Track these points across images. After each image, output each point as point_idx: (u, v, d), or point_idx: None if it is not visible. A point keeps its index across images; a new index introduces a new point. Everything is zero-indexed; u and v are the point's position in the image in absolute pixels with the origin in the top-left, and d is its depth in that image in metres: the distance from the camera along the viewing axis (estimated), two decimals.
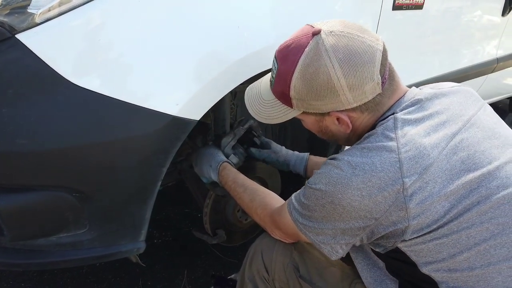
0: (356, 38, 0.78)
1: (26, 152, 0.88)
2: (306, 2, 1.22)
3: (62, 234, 1.02)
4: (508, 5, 2.05)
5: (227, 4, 1.05)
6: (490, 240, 0.76)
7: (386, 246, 0.82)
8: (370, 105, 0.82)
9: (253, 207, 1.05)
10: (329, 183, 0.78)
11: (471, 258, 0.76)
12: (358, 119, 0.85)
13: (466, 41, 2.00)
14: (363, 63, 0.77)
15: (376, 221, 0.77)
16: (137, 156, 0.97)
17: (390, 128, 0.78)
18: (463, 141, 0.79)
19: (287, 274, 1.03)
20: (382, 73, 0.80)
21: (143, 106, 0.92)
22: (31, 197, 0.95)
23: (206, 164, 1.24)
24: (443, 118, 0.81)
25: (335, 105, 0.81)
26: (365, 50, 0.78)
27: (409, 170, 0.74)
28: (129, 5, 0.93)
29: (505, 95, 2.89)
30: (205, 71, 1.00)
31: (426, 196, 0.74)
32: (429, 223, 0.75)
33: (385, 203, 0.74)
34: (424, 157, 0.75)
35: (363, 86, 0.78)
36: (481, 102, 0.90)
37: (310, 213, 0.83)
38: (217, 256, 1.81)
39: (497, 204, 0.76)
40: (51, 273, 1.67)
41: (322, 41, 0.78)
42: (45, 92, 0.88)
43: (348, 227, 0.79)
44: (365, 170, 0.75)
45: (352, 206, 0.76)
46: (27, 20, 0.87)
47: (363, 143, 0.81)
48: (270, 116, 0.91)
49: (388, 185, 0.74)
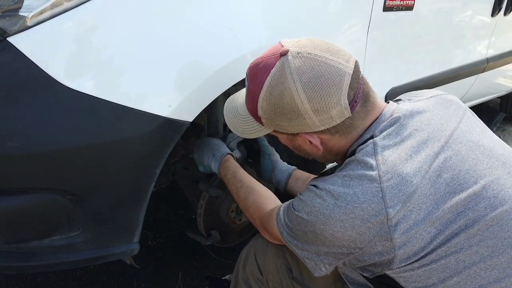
0: (324, 61, 0.76)
1: (18, 154, 0.88)
2: (298, 4, 1.23)
3: (55, 236, 1.02)
4: (498, 6, 2.08)
5: (220, 5, 1.05)
6: (480, 263, 0.74)
7: (374, 272, 0.81)
8: (340, 128, 0.80)
9: (247, 205, 1.05)
10: (311, 213, 0.77)
11: (461, 282, 0.75)
12: (330, 140, 0.83)
13: (457, 42, 2.02)
14: (328, 87, 0.75)
15: (360, 250, 0.76)
16: (130, 158, 0.97)
17: (370, 154, 0.76)
18: (446, 160, 0.77)
19: (280, 275, 1.03)
20: (352, 97, 0.77)
21: (135, 108, 0.92)
22: (24, 200, 0.94)
23: (208, 153, 1.23)
24: (424, 136, 0.78)
25: (302, 128, 0.80)
26: (332, 74, 0.75)
27: (392, 199, 0.72)
28: (121, 7, 0.93)
29: (495, 94, 2.92)
30: (198, 72, 1.00)
31: (411, 224, 0.72)
32: (416, 251, 0.73)
33: (369, 234, 0.73)
34: (406, 184, 0.73)
35: (329, 111, 0.76)
36: (463, 110, 0.88)
37: (293, 234, 0.83)
38: (211, 257, 1.81)
39: (485, 226, 0.74)
40: (45, 276, 1.66)
41: (288, 63, 0.76)
42: (37, 94, 0.88)
43: (332, 251, 0.79)
44: (347, 201, 0.73)
45: (334, 236, 0.75)
46: (18, 23, 0.87)
47: (344, 170, 0.78)
48: (245, 131, 0.91)
49: (372, 216, 0.72)
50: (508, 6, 2.17)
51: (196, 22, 1.01)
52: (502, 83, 2.80)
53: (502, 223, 0.75)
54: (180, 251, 1.85)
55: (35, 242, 1.02)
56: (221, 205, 1.44)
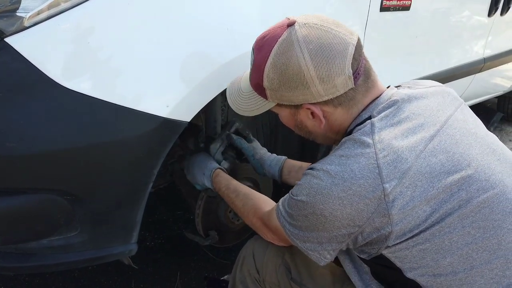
0: (329, 31, 0.79)
1: (16, 155, 0.88)
2: (295, 4, 1.23)
3: (53, 237, 1.02)
4: (494, 6, 2.08)
5: (217, 6, 1.06)
6: (472, 244, 0.76)
7: (370, 253, 0.82)
8: (342, 100, 0.82)
9: (245, 212, 1.06)
10: (310, 194, 0.78)
11: (454, 263, 0.77)
12: (332, 114, 0.84)
13: (454, 42, 2.02)
14: (334, 55, 0.77)
15: (359, 228, 0.77)
16: (128, 158, 0.97)
17: (367, 133, 0.78)
18: (441, 143, 0.79)
19: (278, 276, 1.03)
20: (355, 68, 0.79)
21: (133, 108, 0.92)
22: (22, 200, 0.94)
23: (199, 172, 1.25)
24: (420, 121, 0.81)
25: (306, 97, 0.81)
26: (337, 43, 0.78)
27: (388, 175, 0.74)
28: (118, 7, 0.93)
29: (493, 94, 2.93)
30: (195, 72, 1.01)
31: (407, 201, 0.74)
32: (411, 228, 0.75)
33: (367, 211, 0.74)
34: (402, 161, 0.75)
35: (334, 78, 0.78)
36: (459, 102, 0.90)
37: (295, 222, 0.83)
38: (209, 257, 1.81)
39: (477, 207, 0.76)
40: (43, 276, 1.66)
41: (295, 32, 0.79)
42: (35, 95, 0.88)
43: (333, 235, 0.79)
44: (345, 178, 0.74)
45: (334, 215, 0.76)
46: (16, 23, 0.87)
47: (340, 149, 0.80)
48: (247, 108, 0.92)
49: (369, 192, 0.73)
50: (505, 6, 2.18)
51: (193, 22, 1.01)
52: (499, 83, 2.81)
53: (493, 206, 0.77)
54: (179, 252, 1.85)
55: (33, 243, 1.02)
56: (219, 205, 1.44)
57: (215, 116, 1.35)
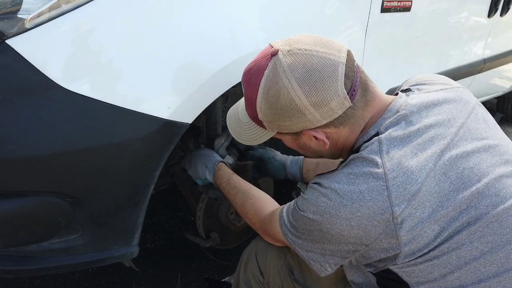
0: (315, 55, 0.76)
1: (16, 157, 0.88)
2: (295, 6, 1.23)
3: (54, 239, 1.01)
4: (494, 7, 2.09)
5: (218, 8, 1.06)
6: (480, 258, 0.75)
7: (377, 267, 0.81)
8: (342, 120, 0.79)
9: (244, 211, 1.05)
10: (317, 212, 0.77)
11: (462, 277, 0.76)
12: (335, 133, 0.82)
13: (454, 42, 2.03)
14: (323, 79, 0.75)
15: (366, 247, 0.76)
16: (130, 160, 0.97)
17: (375, 152, 0.76)
18: (451, 158, 0.77)
19: (281, 277, 1.03)
20: (349, 86, 0.77)
21: (134, 110, 0.92)
22: (23, 203, 0.94)
23: (201, 165, 1.23)
24: (430, 134, 0.78)
25: (304, 124, 0.79)
26: (325, 65, 0.75)
27: (398, 198, 0.72)
28: (119, 9, 0.93)
29: (492, 95, 2.93)
30: (197, 74, 1.00)
31: (416, 222, 0.73)
32: (420, 247, 0.74)
33: (375, 232, 0.74)
34: (412, 182, 0.73)
35: (328, 103, 0.76)
36: (471, 106, 0.86)
37: (299, 234, 0.83)
38: (210, 259, 1.81)
39: (486, 223, 0.75)
40: (43, 279, 1.66)
41: (280, 62, 0.76)
42: (36, 97, 0.88)
43: (338, 249, 0.79)
44: (353, 199, 0.73)
45: (341, 235, 0.75)
46: (17, 25, 0.87)
47: (349, 167, 0.78)
48: (249, 138, 0.91)
49: (377, 214, 0.72)
50: (504, 7, 2.18)
51: (194, 24, 1.01)
52: (498, 83, 2.81)
53: (502, 220, 0.76)
54: (179, 254, 1.85)
55: (34, 246, 1.01)
56: (220, 207, 1.44)
57: (216, 117, 1.34)
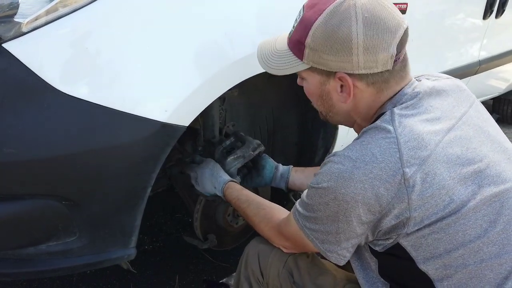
0: (387, 8, 0.80)
1: (13, 161, 0.88)
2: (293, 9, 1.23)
3: (51, 242, 1.02)
4: (489, 9, 2.10)
5: (214, 10, 1.06)
6: (484, 237, 0.78)
7: (385, 244, 0.82)
8: (376, 79, 0.82)
9: (257, 222, 1.06)
10: (331, 179, 0.78)
11: (465, 255, 0.78)
12: (361, 92, 0.84)
13: (449, 44, 2.04)
14: (386, 30, 0.79)
15: (379, 214, 0.77)
16: (127, 163, 0.97)
17: (387, 121, 0.80)
18: (456, 136, 0.81)
19: (281, 280, 1.03)
20: (398, 51, 0.81)
21: (131, 113, 0.92)
22: (20, 206, 0.94)
23: (210, 185, 1.25)
24: (437, 114, 0.83)
25: (344, 65, 0.81)
26: (391, 20, 0.80)
27: (409, 160, 0.75)
28: (116, 12, 0.93)
29: (488, 96, 2.95)
30: (194, 77, 1.01)
31: (426, 187, 0.75)
32: (429, 215, 0.76)
33: (387, 196, 0.75)
34: (422, 147, 0.76)
35: (378, 52, 0.79)
36: (472, 99, 0.93)
37: (315, 214, 0.83)
38: (208, 260, 1.81)
39: (489, 201, 0.78)
40: (41, 281, 1.65)
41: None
42: (33, 100, 0.88)
43: (352, 228, 0.80)
44: (366, 161, 0.76)
45: (355, 200, 0.76)
46: (13, 29, 0.87)
47: (361, 137, 0.81)
48: (278, 66, 0.91)
49: (390, 176, 0.74)
50: (500, 9, 2.19)
51: (191, 27, 1.02)
52: (494, 85, 2.83)
53: (503, 201, 0.79)
54: (177, 255, 1.85)
55: (32, 248, 1.01)
56: (218, 209, 1.44)
57: (213, 119, 1.35)
